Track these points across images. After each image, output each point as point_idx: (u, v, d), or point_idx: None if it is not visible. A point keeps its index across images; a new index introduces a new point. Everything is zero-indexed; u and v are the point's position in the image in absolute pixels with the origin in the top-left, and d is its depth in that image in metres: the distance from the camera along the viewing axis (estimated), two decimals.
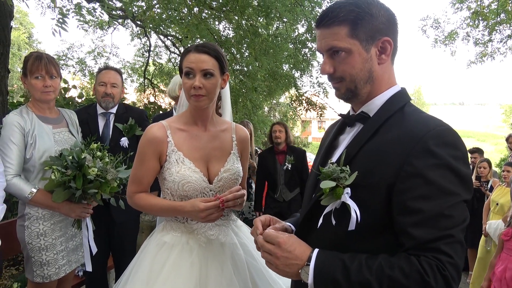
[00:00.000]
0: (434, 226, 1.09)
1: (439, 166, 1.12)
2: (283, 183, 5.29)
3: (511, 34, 10.53)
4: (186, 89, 1.84)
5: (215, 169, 1.94)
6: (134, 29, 11.16)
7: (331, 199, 1.25)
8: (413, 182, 1.12)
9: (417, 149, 1.14)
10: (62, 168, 2.41)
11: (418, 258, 1.09)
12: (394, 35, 1.31)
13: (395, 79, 1.37)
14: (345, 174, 1.23)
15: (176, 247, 1.88)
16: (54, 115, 2.72)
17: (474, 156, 6.89)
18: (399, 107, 1.30)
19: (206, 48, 1.84)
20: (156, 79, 13.48)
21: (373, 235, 1.22)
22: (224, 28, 8.73)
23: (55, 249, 2.57)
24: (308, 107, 9.81)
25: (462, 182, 1.13)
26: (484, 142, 49.62)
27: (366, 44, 1.27)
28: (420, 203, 1.11)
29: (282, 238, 1.27)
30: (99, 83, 3.25)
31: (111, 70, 3.32)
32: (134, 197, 1.95)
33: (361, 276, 1.11)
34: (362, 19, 1.25)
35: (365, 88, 1.32)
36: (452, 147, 1.15)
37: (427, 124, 1.19)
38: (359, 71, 1.29)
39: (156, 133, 1.88)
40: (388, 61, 1.33)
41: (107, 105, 3.25)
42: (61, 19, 3.74)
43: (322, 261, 1.20)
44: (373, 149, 1.24)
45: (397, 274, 1.08)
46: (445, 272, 1.07)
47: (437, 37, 11.36)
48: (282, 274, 1.29)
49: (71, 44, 12.61)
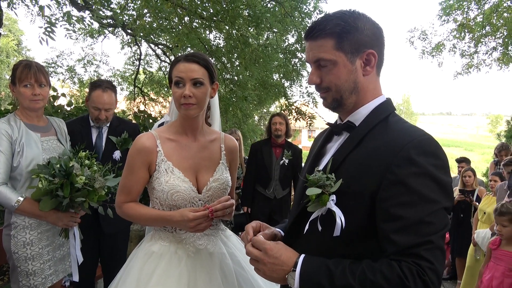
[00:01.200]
0: (415, 233, 1.13)
1: (420, 175, 1.16)
2: (277, 179, 5.04)
3: (496, 46, 10.76)
4: (176, 98, 1.85)
5: (204, 179, 1.95)
6: (125, 37, 11.16)
7: (317, 205, 1.29)
8: (395, 190, 1.17)
9: (399, 158, 1.18)
10: (50, 177, 2.39)
11: (399, 263, 1.12)
12: (379, 47, 1.35)
13: (380, 90, 1.42)
14: (331, 182, 1.28)
15: (164, 256, 1.88)
16: (42, 123, 2.71)
17: (461, 165, 6.98)
18: (383, 117, 1.35)
19: (195, 57, 1.86)
20: (147, 88, 13.47)
21: (357, 241, 1.26)
22: (215, 38, 8.79)
23: (42, 259, 2.54)
24: (297, 117, 9.87)
25: (442, 190, 1.18)
26: (471, 152, 50.20)
27: (351, 56, 1.32)
28: (401, 210, 1.15)
29: (269, 245, 1.32)
30: (93, 107, 3.10)
31: (105, 92, 3.09)
32: (123, 206, 1.94)
33: (345, 281, 1.15)
34: (348, 33, 1.30)
35: (350, 99, 1.37)
36: (433, 156, 1.20)
37: (409, 134, 1.24)
38: (344, 82, 1.34)
39: (145, 143, 1.89)
40: (373, 73, 1.38)
41: (100, 125, 3.21)
42: (49, 27, 3.74)
43: (308, 267, 1.24)
44: (358, 157, 1.29)
45: (379, 279, 1.12)
46: (425, 277, 1.10)
47: (425, 49, 11.56)
48: (269, 279, 1.33)
49: (60, 52, 12.56)
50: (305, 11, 8.40)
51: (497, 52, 10.80)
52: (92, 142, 3.20)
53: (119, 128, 3.33)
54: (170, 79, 1.90)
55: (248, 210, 5.14)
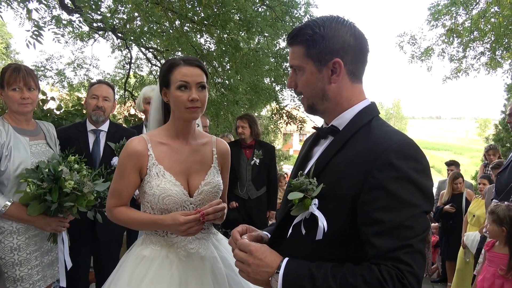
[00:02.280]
0: (395, 236, 1.14)
1: (400, 179, 1.18)
2: (249, 179, 5.01)
3: (483, 51, 10.92)
4: (182, 102, 1.83)
5: (195, 182, 1.94)
6: (115, 41, 11.12)
7: (300, 209, 1.31)
8: (376, 194, 1.19)
9: (379, 162, 1.20)
10: (38, 181, 2.37)
11: (379, 267, 1.13)
12: (352, 55, 1.36)
13: (360, 96, 1.43)
14: (313, 186, 1.30)
15: (155, 261, 1.86)
16: (31, 127, 2.68)
17: (451, 168, 7.07)
18: (366, 121, 1.37)
19: (196, 61, 1.89)
20: (137, 91, 13.39)
21: (340, 244, 1.28)
22: (206, 42, 8.79)
23: (30, 264, 2.50)
24: (288, 121, 9.90)
25: (422, 194, 1.19)
26: (460, 155, 50.80)
27: (318, 65, 1.36)
28: (382, 214, 1.17)
29: (254, 247, 1.34)
30: (91, 96, 3.21)
31: (103, 84, 3.31)
32: (113, 211, 1.93)
33: (327, 284, 1.17)
34: (315, 41, 1.34)
35: (322, 105, 1.42)
36: (413, 160, 1.22)
37: (390, 138, 1.26)
38: (312, 89, 1.40)
39: (136, 147, 1.88)
40: (344, 81, 1.38)
41: (97, 118, 3.19)
42: (37, 31, 3.71)
43: (291, 270, 1.25)
44: (340, 161, 1.31)
45: (359, 282, 1.14)
46: (404, 281, 1.11)
47: (414, 53, 11.68)
48: (253, 282, 1.35)
49: (50, 55, 12.42)
50: (296, 16, 8.46)
51: (485, 57, 10.97)
52: (89, 148, 3.18)
53: (117, 134, 3.31)
54: (167, 82, 1.88)
55: (236, 205, 5.07)
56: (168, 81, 1.87)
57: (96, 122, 3.23)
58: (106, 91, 3.24)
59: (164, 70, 1.91)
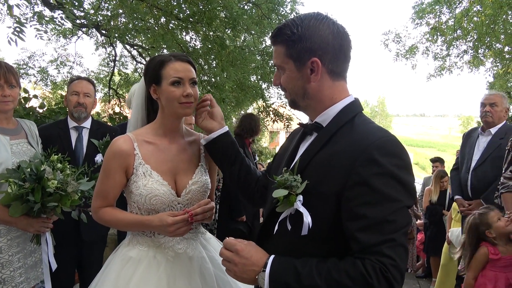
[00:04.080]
0: (378, 231, 1.18)
1: (383, 175, 1.21)
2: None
3: (467, 50, 11.10)
4: (175, 97, 1.80)
5: (183, 182, 1.91)
6: (99, 38, 10.95)
7: (285, 206, 1.33)
8: (359, 190, 1.22)
9: (362, 158, 1.23)
10: (20, 181, 2.31)
11: (363, 261, 1.17)
12: (327, 55, 1.37)
13: (342, 93, 1.44)
14: (297, 183, 1.32)
15: (142, 261, 1.83)
16: (12, 126, 2.62)
17: (435, 165, 7.18)
18: (349, 117, 1.39)
19: (186, 57, 1.88)
20: (122, 89, 13.23)
21: (325, 239, 1.31)
22: (191, 39, 8.72)
23: (12, 266, 2.44)
24: (275, 118, 9.91)
25: (404, 189, 1.23)
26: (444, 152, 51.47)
27: (298, 64, 1.39)
28: (365, 209, 1.20)
29: (240, 246, 1.36)
30: (71, 93, 3.17)
31: (83, 80, 3.28)
32: (99, 211, 1.89)
33: (312, 281, 1.20)
34: (294, 41, 1.37)
35: (303, 102, 1.45)
36: (395, 156, 1.25)
37: (373, 135, 1.29)
38: (293, 87, 1.44)
39: (122, 146, 1.83)
40: (324, 79, 1.40)
41: (79, 115, 3.16)
42: (18, 27, 3.63)
43: (277, 267, 1.28)
44: (324, 158, 1.34)
45: (343, 278, 1.17)
46: (387, 274, 1.14)
47: (399, 51, 11.82)
48: (240, 280, 1.37)
49: (32, 53, 12.17)
50: (282, 13, 8.45)
51: (468, 55, 11.16)
52: (72, 146, 3.14)
53: (100, 131, 3.29)
54: (157, 79, 1.84)
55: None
56: (159, 77, 1.83)
57: (78, 119, 3.19)
58: (87, 87, 3.21)
59: (153, 66, 1.86)
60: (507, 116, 4.08)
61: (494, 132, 3.91)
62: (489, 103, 3.94)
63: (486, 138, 3.97)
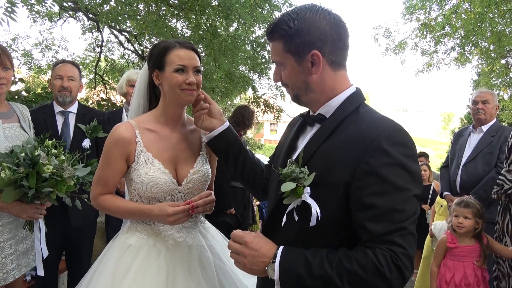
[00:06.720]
0: (388, 220, 1.19)
1: (392, 164, 1.22)
2: None
3: (454, 47, 11.23)
4: (177, 84, 1.77)
5: (183, 170, 1.89)
6: (86, 22, 10.68)
7: (292, 198, 1.33)
8: (369, 180, 1.22)
9: (371, 148, 1.23)
10: (14, 166, 2.25)
11: (374, 251, 1.18)
12: (326, 46, 1.36)
13: (345, 83, 1.44)
14: (304, 175, 1.31)
15: (142, 249, 1.82)
16: (4, 109, 2.54)
17: (420, 159, 7.29)
18: (354, 108, 1.39)
19: (191, 45, 1.85)
20: (108, 76, 12.98)
21: (334, 230, 1.31)
22: (182, 27, 8.59)
23: (3, 253, 2.38)
24: (265, 109, 9.88)
25: (412, 178, 1.24)
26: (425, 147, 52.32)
27: (298, 58, 1.37)
28: (375, 199, 1.21)
29: (248, 237, 1.35)
30: (55, 77, 3.10)
31: (67, 63, 3.21)
32: (99, 199, 1.87)
33: (323, 271, 1.20)
34: (292, 36, 1.36)
35: (306, 96, 1.44)
36: (403, 145, 1.26)
37: (380, 125, 1.29)
38: (295, 81, 1.42)
39: (123, 133, 1.81)
40: (326, 71, 1.39)
41: (64, 99, 3.09)
42: (10, 7, 3.51)
43: (287, 258, 1.27)
44: (330, 149, 1.33)
45: (355, 267, 1.18)
46: (398, 262, 1.17)
47: (388, 46, 11.90)
48: (249, 272, 1.36)
49: (16, 35, 11.83)
50: (274, 4, 8.38)
51: (455, 52, 11.28)
52: (58, 131, 3.07)
53: (87, 116, 3.22)
54: (161, 64, 1.81)
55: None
56: (163, 64, 1.80)
57: (63, 104, 3.13)
58: (71, 71, 3.14)
59: (157, 52, 1.83)
60: (496, 113, 4.16)
61: (485, 129, 3.99)
62: (481, 101, 4.00)
63: (477, 136, 4.04)
